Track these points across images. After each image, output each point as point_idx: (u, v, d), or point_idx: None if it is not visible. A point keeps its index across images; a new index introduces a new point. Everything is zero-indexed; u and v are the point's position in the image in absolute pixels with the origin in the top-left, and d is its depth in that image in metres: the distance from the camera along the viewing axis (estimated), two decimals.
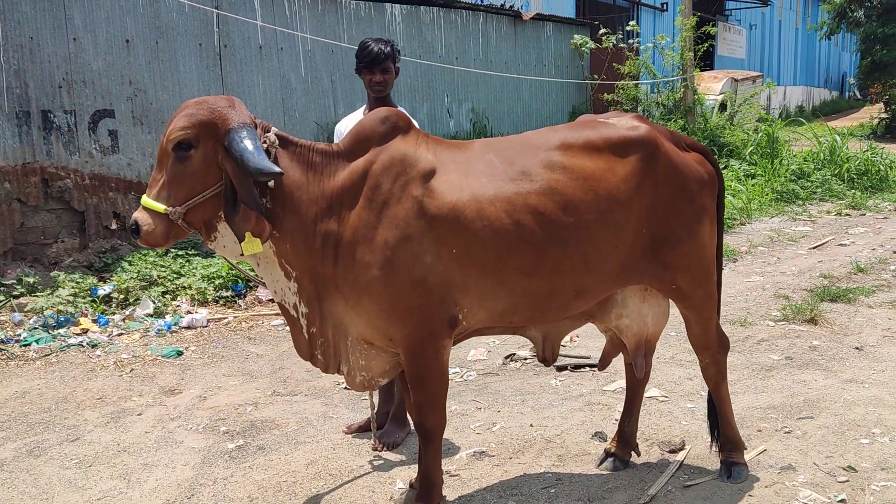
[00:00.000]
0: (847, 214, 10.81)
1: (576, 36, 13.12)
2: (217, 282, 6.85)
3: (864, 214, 10.83)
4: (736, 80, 20.05)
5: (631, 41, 13.48)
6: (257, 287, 7.10)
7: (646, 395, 4.53)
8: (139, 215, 2.74)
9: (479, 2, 12.38)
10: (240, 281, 7.00)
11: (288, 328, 3.16)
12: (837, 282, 7.01)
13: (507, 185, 2.93)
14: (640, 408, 3.74)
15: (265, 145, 2.80)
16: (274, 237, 2.85)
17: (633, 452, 3.69)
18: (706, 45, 14.02)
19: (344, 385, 4.82)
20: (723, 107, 15.17)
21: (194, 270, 7.11)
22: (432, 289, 2.86)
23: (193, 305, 6.59)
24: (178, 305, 6.58)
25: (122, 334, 5.88)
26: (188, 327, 6.05)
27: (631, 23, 14.08)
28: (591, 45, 13.04)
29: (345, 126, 4.02)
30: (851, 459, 3.64)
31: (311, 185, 2.88)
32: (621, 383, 4.69)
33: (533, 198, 2.93)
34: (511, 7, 12.91)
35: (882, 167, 12.92)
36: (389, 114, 3.02)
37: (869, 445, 3.79)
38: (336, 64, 9.62)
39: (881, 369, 4.83)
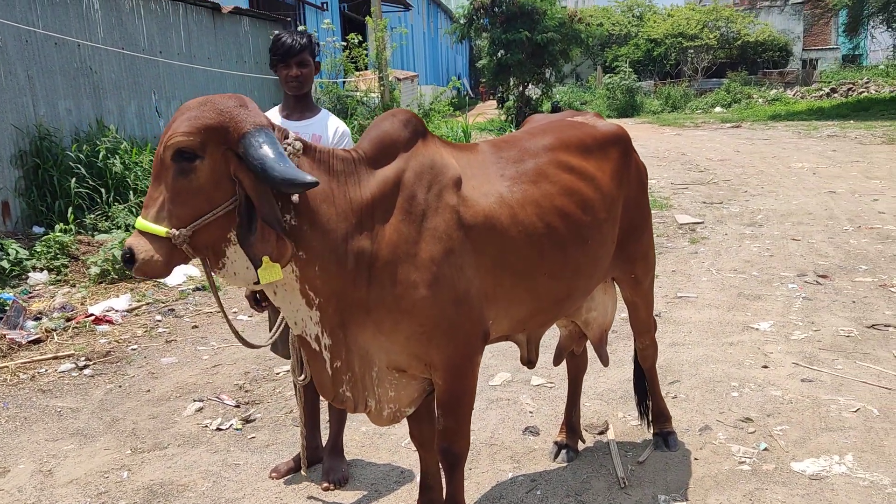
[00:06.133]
0: None
1: (276, 32, 12.65)
2: None
3: None
4: (399, 80, 21.20)
5: (330, 39, 13.44)
6: None
7: (533, 383, 4.70)
8: (134, 241, 2.27)
9: None
10: None
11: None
12: None
13: (531, 188, 2.83)
14: (581, 396, 3.86)
15: (288, 152, 2.36)
16: (300, 259, 2.41)
17: (579, 440, 3.81)
18: (394, 45, 14.53)
19: (215, 426, 4.19)
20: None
21: None
22: (473, 303, 2.66)
23: None
24: None
25: None
26: None
27: (325, 21, 14.04)
28: None
29: None
30: (740, 412, 4.16)
31: (338, 198, 2.48)
32: (504, 376, 4.78)
33: (557, 199, 2.86)
34: None
35: None
36: (409, 116, 2.71)
37: (740, 398, 4.36)
38: (32, 56, 8.13)
39: (688, 331, 5.56)
